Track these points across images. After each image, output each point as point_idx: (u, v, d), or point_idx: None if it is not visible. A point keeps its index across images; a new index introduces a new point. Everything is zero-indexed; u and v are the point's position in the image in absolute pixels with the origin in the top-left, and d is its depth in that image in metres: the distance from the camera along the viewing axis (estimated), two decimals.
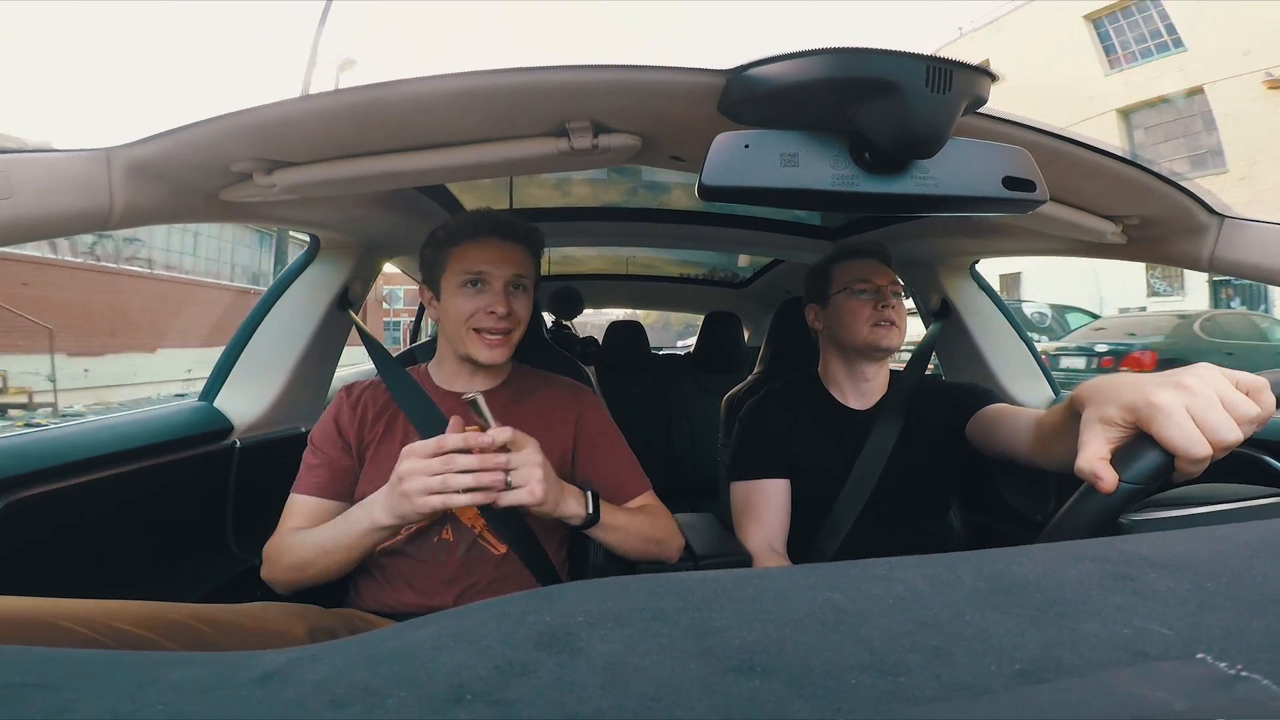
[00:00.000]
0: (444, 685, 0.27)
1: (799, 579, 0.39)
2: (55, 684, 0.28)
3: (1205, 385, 0.66)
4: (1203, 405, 0.65)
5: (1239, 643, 0.30)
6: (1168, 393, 0.66)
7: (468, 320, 1.24)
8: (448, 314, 1.26)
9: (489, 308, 1.22)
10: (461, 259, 1.25)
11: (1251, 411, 0.66)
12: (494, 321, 1.23)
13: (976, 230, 1.61)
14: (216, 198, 1.09)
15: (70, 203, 0.88)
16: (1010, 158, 0.77)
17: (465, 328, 1.24)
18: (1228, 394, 0.66)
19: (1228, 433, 0.64)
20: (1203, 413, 0.64)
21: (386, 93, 0.84)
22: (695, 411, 3.43)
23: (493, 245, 1.25)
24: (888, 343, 1.46)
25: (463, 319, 1.24)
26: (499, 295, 1.23)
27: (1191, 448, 0.63)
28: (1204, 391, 0.66)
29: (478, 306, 1.23)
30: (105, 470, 1.19)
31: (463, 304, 1.24)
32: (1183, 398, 0.65)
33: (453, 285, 1.25)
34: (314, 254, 1.65)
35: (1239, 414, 0.65)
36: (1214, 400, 0.65)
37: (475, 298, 1.23)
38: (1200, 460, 0.64)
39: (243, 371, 1.61)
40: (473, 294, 1.24)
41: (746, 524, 1.46)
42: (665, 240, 2.43)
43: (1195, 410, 0.65)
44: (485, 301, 1.23)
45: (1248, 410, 0.66)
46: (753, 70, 0.76)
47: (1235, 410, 0.65)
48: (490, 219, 1.28)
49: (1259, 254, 1.12)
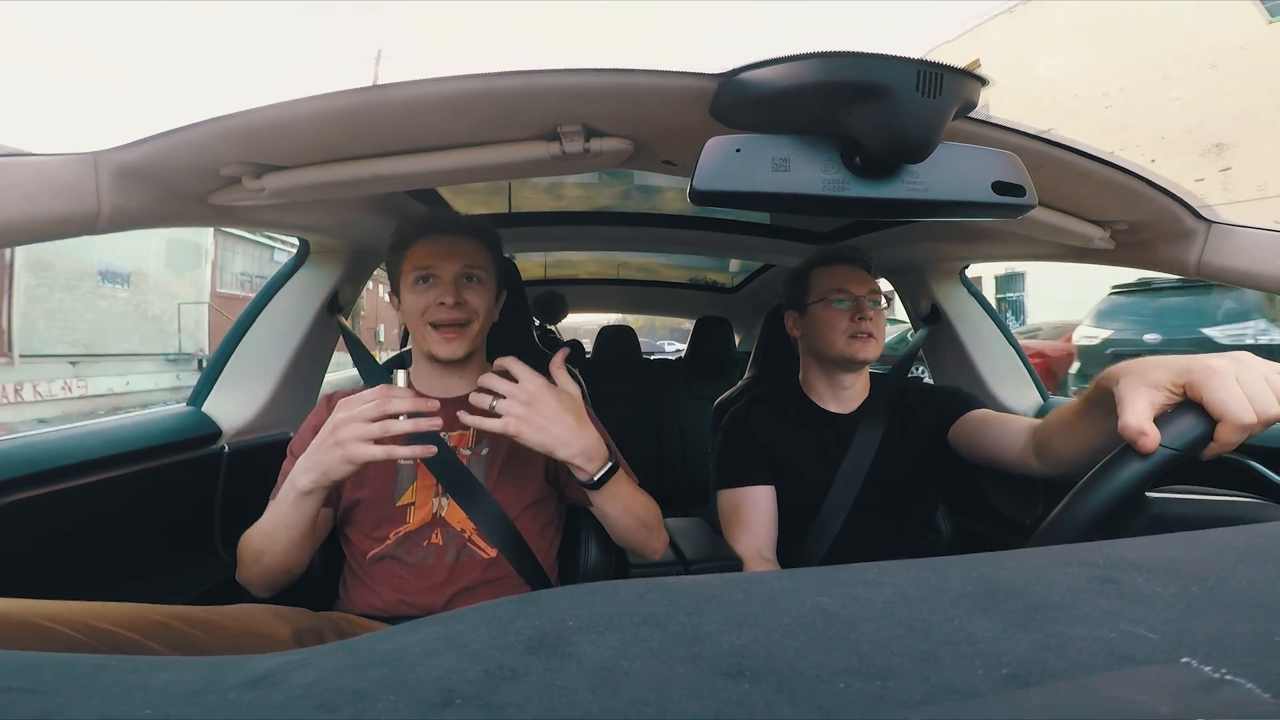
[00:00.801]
0: (434, 689, 0.27)
1: (788, 584, 0.39)
2: (42, 688, 0.28)
3: (1254, 361, 0.72)
4: (1251, 377, 0.70)
5: (1224, 647, 0.30)
6: (1222, 360, 0.71)
7: (422, 315, 1.26)
8: (406, 313, 1.29)
9: (438, 299, 1.24)
10: (412, 258, 1.27)
11: None
12: (445, 313, 1.24)
13: (966, 235, 1.62)
14: (206, 201, 1.09)
15: (56, 206, 0.87)
16: (1000, 162, 0.77)
17: (421, 323, 1.26)
18: (1272, 375, 0.71)
19: (1271, 407, 0.69)
20: (1251, 384, 0.69)
21: (377, 96, 0.84)
22: (686, 416, 3.43)
23: (440, 241, 1.28)
24: (864, 355, 1.46)
25: (417, 315, 1.26)
26: (448, 287, 1.24)
27: (1241, 413, 0.68)
28: (1254, 366, 0.71)
29: (429, 301, 1.25)
30: (93, 475, 1.18)
31: (415, 300, 1.26)
32: (1234, 367, 0.70)
33: (407, 284, 1.28)
34: (303, 258, 1.64)
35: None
36: (1260, 375, 0.70)
37: (426, 293, 1.26)
38: (1245, 427, 0.68)
39: (231, 376, 1.60)
40: (424, 290, 1.26)
41: (735, 532, 1.46)
42: (656, 245, 2.43)
43: (1244, 380, 0.70)
44: (435, 294, 1.25)
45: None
46: (744, 74, 0.76)
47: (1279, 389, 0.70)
48: (437, 218, 1.31)
49: (1246, 259, 1.12)
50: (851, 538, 1.44)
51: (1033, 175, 0.77)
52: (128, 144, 0.91)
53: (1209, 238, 1.16)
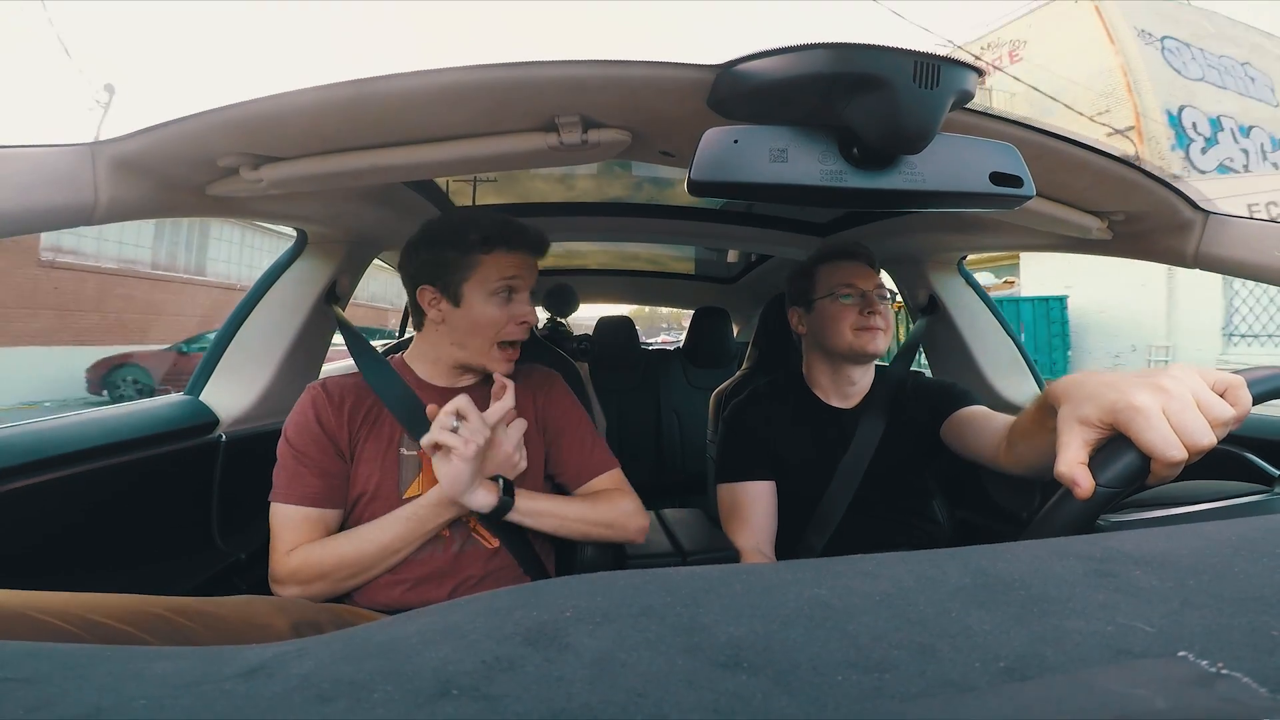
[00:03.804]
0: (430, 680, 0.27)
1: (786, 575, 0.39)
2: (37, 678, 0.28)
3: (1182, 387, 0.67)
4: (1179, 408, 0.66)
5: (1220, 640, 0.30)
6: (1146, 395, 0.67)
7: (499, 331, 1.23)
8: (469, 321, 1.24)
9: (522, 317, 1.23)
10: (497, 265, 1.23)
11: (1225, 414, 0.67)
12: (522, 332, 1.23)
13: (964, 226, 1.62)
14: (203, 192, 1.09)
15: (53, 197, 0.87)
16: (997, 153, 0.77)
17: (491, 340, 1.24)
18: (1203, 396, 0.67)
19: (1202, 436, 0.65)
20: (1179, 416, 0.65)
21: (374, 87, 0.84)
22: (685, 406, 3.44)
23: (525, 257, 1.25)
24: (874, 348, 1.46)
25: (492, 328, 1.23)
26: (528, 304, 1.24)
27: (1168, 451, 0.64)
28: (1180, 394, 0.67)
29: (510, 316, 1.23)
30: (89, 464, 1.18)
31: (494, 312, 1.22)
32: (1160, 400, 0.66)
33: (482, 292, 1.22)
34: (301, 248, 1.64)
35: (1213, 416, 0.66)
36: (1190, 403, 0.66)
37: (507, 307, 1.23)
38: (1176, 464, 0.65)
39: (228, 365, 1.60)
40: (503, 303, 1.23)
41: (734, 525, 1.46)
42: (654, 235, 2.43)
43: (1171, 413, 0.66)
44: (519, 312, 1.23)
45: (1222, 413, 0.67)
46: (741, 65, 0.76)
47: (1210, 412, 0.66)
48: (519, 230, 1.26)
49: (1243, 250, 1.12)
50: (850, 530, 1.45)
51: (1030, 166, 0.77)
52: (125, 135, 0.91)
53: (1206, 228, 1.17)
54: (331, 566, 1.13)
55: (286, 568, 1.13)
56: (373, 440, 1.24)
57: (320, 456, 1.20)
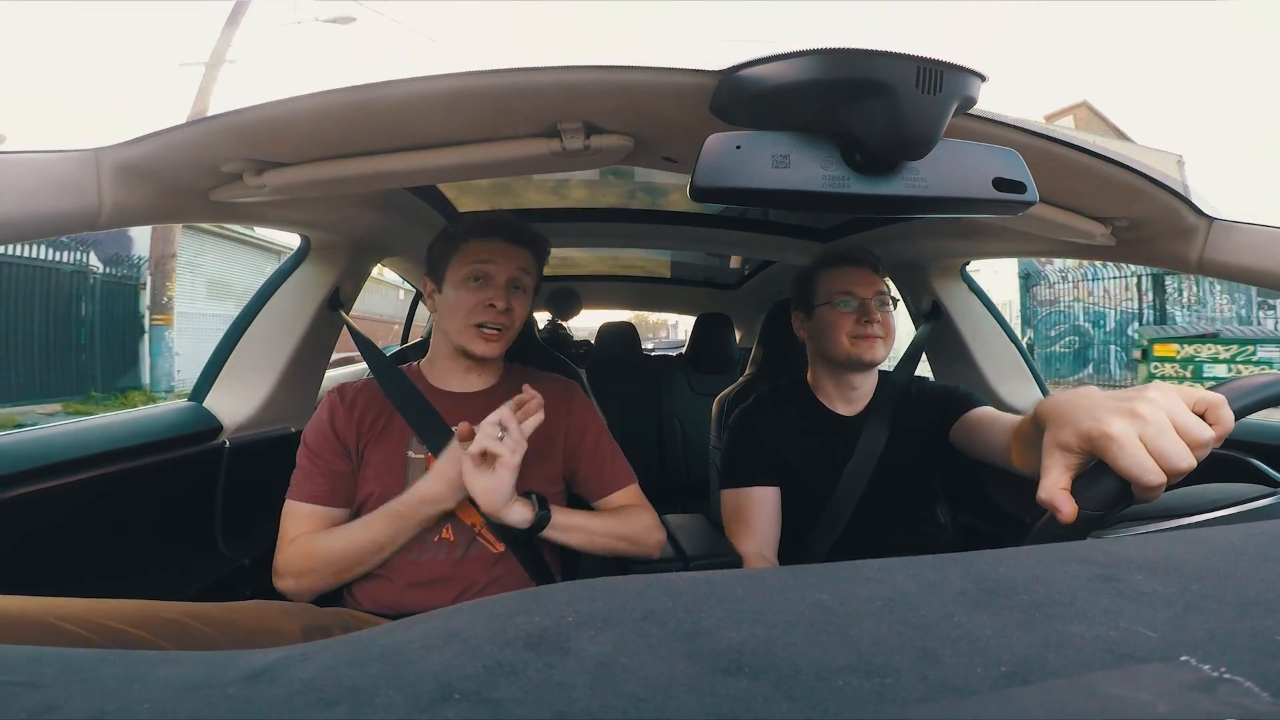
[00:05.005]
0: (432, 684, 0.27)
1: (788, 580, 0.39)
2: (41, 682, 0.28)
3: (1158, 411, 0.67)
4: (1155, 433, 0.66)
5: (1223, 645, 0.30)
6: (1121, 422, 0.67)
7: (469, 313, 1.27)
8: (449, 306, 1.30)
9: (490, 300, 1.26)
10: (469, 253, 1.28)
11: (1204, 435, 0.66)
12: (494, 315, 1.26)
13: (967, 232, 1.62)
14: (207, 198, 1.09)
15: (58, 203, 0.87)
16: (1000, 159, 0.77)
17: (465, 321, 1.27)
18: (1180, 418, 0.67)
19: (1180, 460, 0.65)
20: (1155, 441, 0.65)
21: (377, 93, 0.84)
22: (687, 412, 3.43)
23: (500, 244, 1.29)
24: (870, 357, 1.46)
25: (464, 311, 1.27)
26: (500, 290, 1.27)
27: (1145, 476, 0.64)
28: (1156, 418, 0.66)
29: (479, 300, 1.26)
30: (94, 470, 1.18)
31: (465, 297, 1.27)
32: (1136, 426, 0.66)
33: (457, 278, 1.29)
34: (304, 254, 1.64)
35: (1192, 438, 0.66)
36: (1166, 426, 0.66)
37: (477, 292, 1.27)
38: (1155, 488, 0.65)
39: (232, 372, 1.60)
40: (476, 288, 1.27)
41: (737, 531, 1.46)
42: (657, 241, 2.43)
43: (1148, 438, 0.65)
44: (487, 295, 1.26)
45: (1201, 434, 0.66)
46: (744, 71, 0.76)
47: (1188, 435, 0.66)
48: (502, 220, 1.32)
49: (1247, 256, 1.12)
50: (854, 535, 1.44)
51: (1034, 172, 0.77)
52: (129, 141, 0.91)
53: (1210, 234, 1.16)
54: (320, 560, 1.16)
55: (284, 559, 1.18)
56: (382, 443, 1.26)
57: (330, 457, 1.24)
